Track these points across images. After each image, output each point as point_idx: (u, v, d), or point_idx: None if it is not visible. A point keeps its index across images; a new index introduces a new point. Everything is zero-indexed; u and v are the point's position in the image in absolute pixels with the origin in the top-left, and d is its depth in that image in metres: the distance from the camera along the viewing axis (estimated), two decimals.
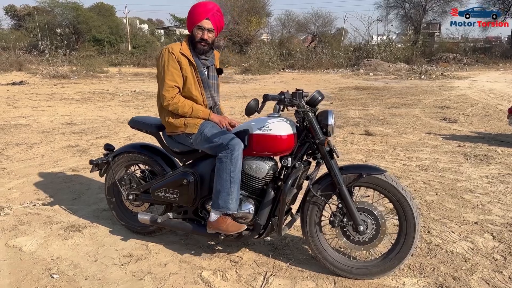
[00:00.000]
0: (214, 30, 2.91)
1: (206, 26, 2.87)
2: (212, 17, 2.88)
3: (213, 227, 2.81)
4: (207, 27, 2.88)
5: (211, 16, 2.87)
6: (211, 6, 2.90)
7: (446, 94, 13.24)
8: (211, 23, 2.88)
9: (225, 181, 2.70)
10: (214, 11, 2.89)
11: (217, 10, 2.92)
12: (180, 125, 2.92)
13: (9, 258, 3.00)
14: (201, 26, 2.87)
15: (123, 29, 42.69)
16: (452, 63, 29.68)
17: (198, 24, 2.87)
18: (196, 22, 2.88)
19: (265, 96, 2.59)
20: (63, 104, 10.54)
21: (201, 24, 2.87)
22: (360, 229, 2.64)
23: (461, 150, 6.10)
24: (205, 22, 2.87)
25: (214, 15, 2.89)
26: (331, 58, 27.92)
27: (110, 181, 3.41)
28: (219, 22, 2.95)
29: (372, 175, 2.65)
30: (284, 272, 2.84)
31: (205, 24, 2.87)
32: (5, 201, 4.04)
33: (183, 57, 2.89)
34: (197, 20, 2.87)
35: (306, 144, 2.76)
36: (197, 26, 2.88)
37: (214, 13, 2.89)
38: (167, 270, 2.87)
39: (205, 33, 2.88)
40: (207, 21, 2.87)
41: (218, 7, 2.94)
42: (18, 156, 5.65)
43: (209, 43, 2.92)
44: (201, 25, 2.87)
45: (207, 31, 2.88)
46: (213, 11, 2.89)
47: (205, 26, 2.87)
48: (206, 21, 2.87)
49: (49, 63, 19.65)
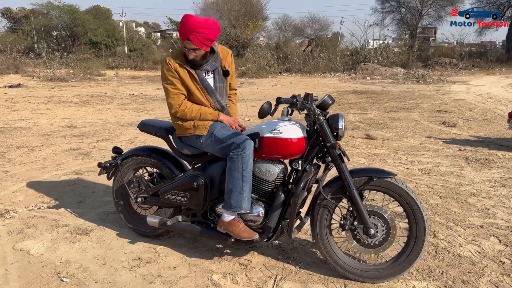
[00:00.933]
0: (199, 49, 2.79)
1: (188, 47, 2.78)
2: (193, 37, 2.71)
3: (224, 227, 2.82)
4: (189, 48, 2.78)
5: (191, 37, 2.71)
6: (190, 26, 2.71)
7: (444, 99, 13.31)
8: (192, 43, 2.74)
9: (237, 180, 2.71)
10: (195, 29, 2.70)
11: (198, 27, 2.71)
12: (189, 127, 2.93)
13: (18, 261, 2.99)
14: (185, 47, 2.80)
15: (120, 32, 42.66)
16: (448, 67, 29.87)
17: (183, 43, 2.80)
18: (182, 41, 2.81)
19: (278, 99, 2.61)
20: (62, 107, 10.52)
21: (184, 45, 2.79)
22: (371, 232, 2.65)
23: (462, 154, 6.13)
24: (187, 43, 2.76)
25: (197, 33, 2.71)
26: (328, 62, 28.03)
27: (118, 184, 3.40)
28: (205, 39, 2.76)
29: (383, 179, 2.67)
30: (294, 275, 2.85)
31: (187, 45, 2.77)
32: (10, 204, 4.02)
33: (180, 68, 2.86)
34: (182, 39, 2.80)
35: (316, 148, 2.78)
36: (182, 45, 2.82)
37: (195, 32, 2.71)
38: (177, 273, 2.86)
39: (190, 54, 2.81)
40: (188, 42, 2.74)
41: (201, 23, 2.73)
42: (20, 159, 5.63)
43: (199, 59, 2.86)
44: (184, 45, 2.79)
45: (191, 50, 2.79)
46: (194, 31, 2.70)
47: (187, 47, 2.78)
48: (187, 42, 2.75)
49: (46, 66, 19.59)
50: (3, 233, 3.42)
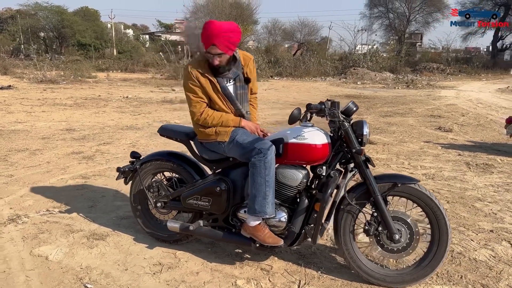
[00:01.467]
0: (224, 53, 2.80)
1: (213, 52, 2.77)
2: (218, 42, 2.71)
3: (249, 232, 2.83)
4: (214, 53, 2.77)
5: (216, 42, 2.71)
6: (216, 31, 2.70)
7: (436, 104, 13.51)
8: (218, 47, 2.74)
9: (260, 185, 2.72)
10: (220, 34, 2.70)
11: (223, 31, 2.72)
12: (211, 133, 2.94)
13: (37, 267, 2.95)
14: (209, 52, 2.79)
15: (108, 34, 42.42)
16: (436, 72, 30.35)
17: (207, 50, 2.79)
18: (205, 47, 2.79)
19: (309, 106, 2.65)
20: (57, 110, 10.40)
21: (209, 51, 2.78)
22: (396, 237, 2.69)
23: (462, 159, 6.24)
24: (212, 48, 2.75)
25: (222, 38, 2.72)
26: (319, 66, 28.25)
27: (136, 189, 3.39)
28: (229, 43, 2.77)
29: (407, 185, 2.71)
30: (317, 280, 2.87)
31: (212, 50, 2.76)
32: (20, 209, 3.98)
33: (202, 77, 2.87)
34: (205, 46, 2.78)
35: (340, 153, 2.81)
36: (207, 51, 2.80)
37: (220, 35, 2.71)
38: (201, 278, 2.87)
39: (215, 59, 2.80)
40: (214, 47, 2.74)
41: (226, 27, 2.74)
42: (23, 162, 5.56)
43: (223, 64, 2.86)
44: (209, 51, 2.78)
45: (216, 56, 2.79)
46: (218, 36, 2.70)
47: (212, 52, 2.77)
48: (213, 47, 2.74)
49: (37, 67, 19.35)
50: (17, 238, 3.38)
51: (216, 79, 2.91)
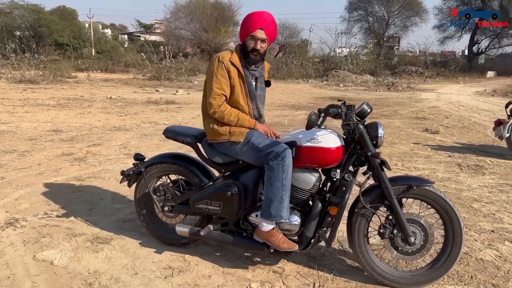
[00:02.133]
0: (267, 41, 2.89)
1: (259, 36, 2.84)
2: (266, 27, 2.85)
3: (263, 237, 2.80)
4: (260, 37, 2.84)
5: (265, 26, 2.84)
6: (266, 16, 2.88)
7: (419, 106, 13.74)
8: (265, 33, 2.85)
9: (277, 189, 2.70)
10: (268, 21, 2.87)
11: (271, 20, 2.89)
12: (225, 133, 2.90)
13: (43, 272, 2.85)
14: (254, 36, 2.84)
15: (86, 34, 41.69)
16: (415, 75, 30.91)
17: (251, 33, 2.84)
18: (249, 32, 2.85)
19: (327, 111, 2.63)
20: (40, 110, 10.14)
21: (254, 34, 2.84)
22: (411, 240, 2.70)
23: (453, 161, 6.35)
24: (259, 32, 2.84)
25: (268, 26, 2.87)
26: (301, 69, 28.41)
27: (141, 192, 3.31)
28: (273, 33, 2.92)
29: (422, 187, 2.72)
30: (331, 283, 2.86)
31: (259, 34, 2.84)
32: (17, 212, 3.84)
33: (233, 67, 2.87)
34: (251, 30, 2.84)
35: (354, 156, 2.80)
36: (251, 35, 2.85)
37: (268, 23, 2.86)
38: (214, 282, 2.82)
39: (258, 43, 2.85)
40: (261, 31, 2.84)
41: (272, 18, 2.92)
42: (12, 164, 5.39)
43: (261, 53, 2.91)
44: (254, 35, 2.84)
45: (260, 41, 2.85)
46: (267, 22, 2.86)
47: (258, 35, 2.84)
48: (260, 31, 2.84)
49: (15, 67, 18.85)
50: (18, 242, 3.26)
51: (244, 73, 2.90)
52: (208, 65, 2.96)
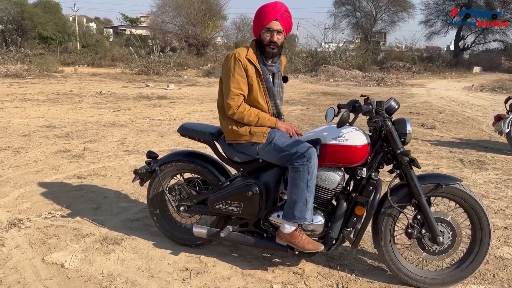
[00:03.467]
0: (283, 32, 2.78)
1: (275, 28, 2.72)
2: (280, 18, 2.73)
3: (286, 239, 2.70)
4: (276, 29, 2.73)
5: (279, 17, 2.72)
6: (279, 6, 2.75)
7: (411, 101, 13.78)
8: (280, 24, 2.73)
9: (302, 191, 2.60)
10: (282, 11, 2.74)
11: (285, 10, 2.76)
12: (245, 134, 2.77)
13: (54, 276, 2.72)
14: (269, 28, 2.72)
15: (70, 27, 40.91)
16: (402, 71, 31.06)
17: (266, 26, 2.72)
18: (264, 24, 2.73)
19: (358, 108, 2.54)
20: (30, 105, 9.85)
21: (269, 26, 2.72)
22: (440, 240, 2.63)
23: (455, 156, 6.34)
24: (274, 23, 2.72)
25: (283, 16, 2.74)
26: (290, 64, 28.31)
27: (154, 191, 3.18)
28: (288, 23, 2.80)
29: (450, 185, 2.65)
30: (354, 283, 2.78)
31: (274, 25, 2.72)
32: (19, 212, 3.68)
33: (250, 64, 2.75)
34: (265, 22, 2.72)
35: (380, 154, 2.72)
36: (266, 28, 2.73)
37: (282, 13, 2.74)
38: (234, 284, 2.72)
39: (274, 35, 2.73)
40: (276, 22, 2.72)
41: (286, 7, 2.79)
42: (8, 161, 5.19)
43: (278, 45, 2.79)
44: (269, 26, 2.72)
45: (276, 32, 2.73)
46: (281, 11, 2.73)
47: (274, 27, 2.72)
48: (275, 22, 2.72)
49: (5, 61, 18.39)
50: (24, 244, 3.11)
51: (261, 69, 2.78)
52: (224, 62, 2.82)
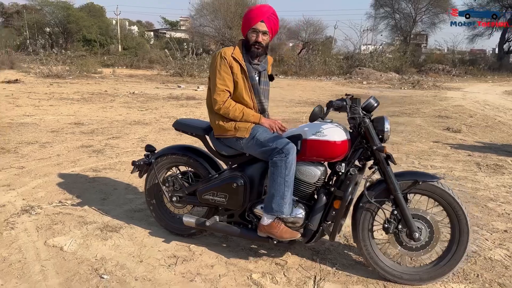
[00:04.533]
0: (268, 33, 2.90)
1: (260, 29, 2.86)
2: (267, 20, 2.87)
3: (265, 231, 2.82)
4: (261, 30, 2.87)
5: (266, 19, 2.86)
6: (266, 8, 2.91)
7: (443, 104, 13.46)
8: (266, 25, 2.87)
9: (279, 185, 2.71)
10: (269, 13, 2.88)
11: (272, 13, 2.91)
12: (230, 129, 2.92)
13: (52, 257, 2.95)
14: (255, 29, 2.87)
15: (113, 30, 42.46)
16: (442, 74, 30.25)
17: (252, 26, 2.87)
18: (251, 25, 2.88)
19: (330, 103, 2.63)
20: (64, 104, 10.41)
21: (255, 27, 2.86)
22: (416, 236, 2.66)
23: (472, 160, 6.21)
24: (260, 24, 2.86)
25: (269, 18, 2.88)
26: (324, 66, 28.22)
27: (151, 183, 3.38)
28: (274, 26, 2.93)
29: (428, 182, 2.68)
30: (332, 276, 2.86)
31: (260, 26, 2.86)
32: (33, 200, 3.98)
33: (235, 62, 2.89)
34: (252, 23, 2.87)
35: (360, 150, 2.79)
36: (252, 28, 2.88)
37: (269, 15, 2.88)
38: (216, 271, 2.86)
39: (259, 36, 2.87)
40: (262, 24, 2.86)
41: (273, 10, 2.93)
42: (33, 155, 5.57)
43: (263, 46, 2.92)
44: (255, 27, 2.86)
45: (261, 33, 2.87)
46: (268, 14, 2.88)
47: (260, 28, 2.86)
48: (261, 24, 2.86)
49: (43, 62, 19.38)
50: (31, 228, 3.38)
51: (246, 67, 2.92)
52: (211, 61, 2.99)
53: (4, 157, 5.37)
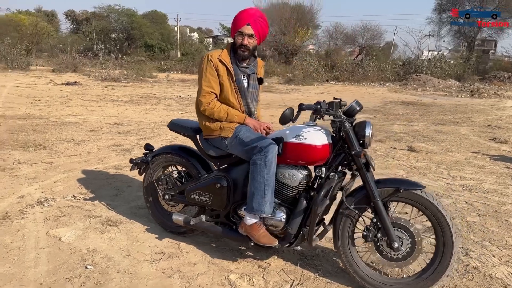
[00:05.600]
0: (255, 36, 2.93)
1: (246, 32, 2.90)
2: (253, 23, 2.90)
3: (245, 230, 2.83)
4: (247, 33, 2.90)
5: (252, 22, 2.89)
6: (253, 12, 2.94)
7: (498, 114, 12.68)
8: (252, 28, 2.90)
9: (259, 184, 2.71)
10: (255, 17, 2.91)
11: (259, 16, 2.93)
12: (216, 129, 2.97)
13: (49, 246, 3.14)
14: (241, 32, 2.91)
15: (174, 37, 44.03)
16: (507, 82, 28.40)
17: (239, 29, 2.91)
18: (237, 28, 2.92)
19: (300, 106, 2.59)
20: (112, 105, 10.96)
21: (241, 30, 2.90)
22: (395, 245, 2.56)
23: (510, 172, 5.81)
24: (246, 27, 2.89)
25: (256, 21, 2.91)
26: (378, 72, 27.51)
27: (148, 180, 3.51)
28: (261, 28, 2.95)
29: (411, 191, 2.57)
30: (312, 282, 2.81)
31: (246, 29, 2.90)
32: (50, 193, 4.24)
33: (221, 65, 2.94)
34: (238, 26, 2.92)
35: (342, 155, 2.72)
36: (238, 31, 2.92)
37: (255, 19, 2.91)
38: (196, 270, 2.91)
39: (245, 39, 2.90)
40: (248, 27, 2.89)
41: (261, 14, 2.96)
42: (65, 151, 5.93)
43: (249, 48, 2.94)
44: (241, 30, 2.90)
45: (247, 36, 2.90)
46: (254, 17, 2.90)
47: (245, 31, 2.90)
48: (247, 27, 2.89)
49: (102, 66, 20.51)
50: (40, 219, 3.61)
51: (233, 70, 2.96)
52: (199, 63, 3.06)
53: (39, 153, 5.76)
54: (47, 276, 2.73)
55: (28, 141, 6.41)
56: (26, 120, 8.21)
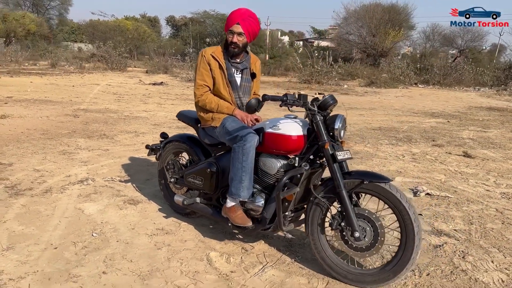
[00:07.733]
0: (244, 34, 3.15)
1: (235, 30, 3.14)
2: (242, 22, 3.13)
3: (224, 212, 3.07)
4: (236, 31, 3.14)
5: (241, 21, 3.13)
6: (243, 11, 3.17)
7: None
8: (241, 27, 3.13)
9: (237, 170, 2.93)
10: (245, 16, 3.14)
11: (249, 15, 3.15)
12: (208, 119, 3.26)
13: (71, 216, 3.64)
14: (232, 30, 3.15)
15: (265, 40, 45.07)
16: None
17: (230, 28, 3.16)
18: (228, 27, 3.18)
19: (264, 96, 2.76)
20: (185, 104, 11.73)
21: (232, 29, 3.15)
22: (356, 235, 2.63)
23: None
24: (235, 26, 3.14)
25: (245, 20, 3.14)
26: (476, 76, 25.65)
27: (160, 165, 3.89)
28: (250, 27, 3.17)
29: (375, 183, 2.61)
30: (285, 266, 2.95)
31: (235, 28, 3.14)
32: (93, 175, 4.83)
33: (213, 60, 3.21)
34: (229, 25, 3.17)
35: (315, 146, 2.83)
36: (229, 30, 3.17)
37: (245, 18, 3.14)
38: (184, 246, 3.19)
39: (234, 37, 3.14)
40: (237, 26, 3.13)
41: (251, 13, 3.18)
42: (123, 141, 6.60)
43: (239, 46, 3.17)
44: (231, 29, 3.15)
45: (236, 34, 3.14)
46: (243, 16, 3.14)
47: (235, 30, 3.14)
48: (237, 26, 3.13)
49: (190, 68, 21.81)
50: (74, 195, 4.16)
51: (225, 65, 3.22)
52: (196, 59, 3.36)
53: (100, 141, 6.50)
54: (58, 239, 3.21)
55: (96, 131, 7.24)
56: (103, 114, 9.20)
